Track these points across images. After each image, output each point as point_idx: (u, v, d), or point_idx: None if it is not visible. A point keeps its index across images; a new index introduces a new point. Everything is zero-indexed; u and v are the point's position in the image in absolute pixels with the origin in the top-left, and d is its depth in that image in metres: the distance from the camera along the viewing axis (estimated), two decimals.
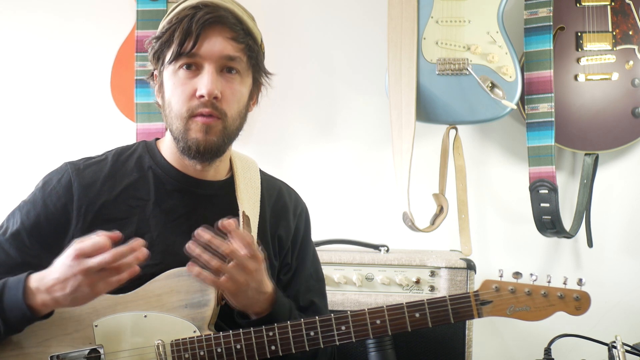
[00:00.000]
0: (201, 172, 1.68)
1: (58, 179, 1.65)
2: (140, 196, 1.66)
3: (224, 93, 1.59)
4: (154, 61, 1.65)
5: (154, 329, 1.56)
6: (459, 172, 2.60)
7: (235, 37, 1.60)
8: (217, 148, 1.62)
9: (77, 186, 1.63)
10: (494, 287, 1.56)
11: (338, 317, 1.55)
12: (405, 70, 2.50)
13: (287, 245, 1.78)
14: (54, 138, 2.83)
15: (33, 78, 2.85)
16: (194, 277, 1.53)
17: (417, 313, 1.55)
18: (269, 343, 1.55)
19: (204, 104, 1.58)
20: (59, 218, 1.62)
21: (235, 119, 1.63)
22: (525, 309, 1.56)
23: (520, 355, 2.73)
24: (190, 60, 1.59)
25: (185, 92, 1.59)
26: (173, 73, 1.61)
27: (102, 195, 1.64)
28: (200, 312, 1.57)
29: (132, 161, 1.70)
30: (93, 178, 1.65)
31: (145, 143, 1.74)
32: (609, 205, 2.71)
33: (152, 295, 1.58)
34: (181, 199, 1.67)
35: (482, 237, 2.73)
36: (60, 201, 1.63)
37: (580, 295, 1.57)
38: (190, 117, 1.59)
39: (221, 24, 1.58)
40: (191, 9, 1.59)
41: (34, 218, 1.62)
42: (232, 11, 1.61)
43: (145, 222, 1.64)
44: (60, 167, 1.69)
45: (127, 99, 2.64)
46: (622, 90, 2.55)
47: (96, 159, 1.71)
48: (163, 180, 1.68)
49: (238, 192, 1.70)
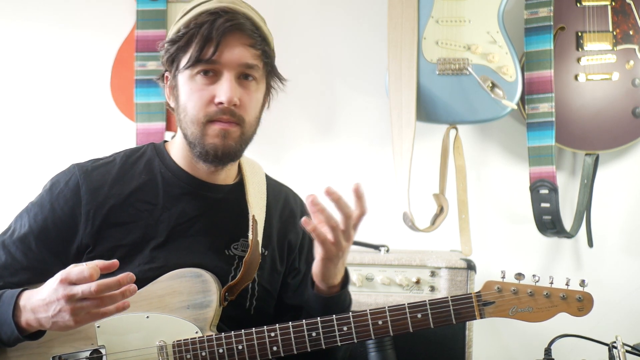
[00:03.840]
0: (212, 175, 1.68)
1: (65, 181, 1.63)
2: (149, 200, 1.64)
3: (242, 100, 1.60)
4: (168, 64, 1.64)
5: (156, 330, 1.56)
6: (459, 172, 2.60)
7: (253, 44, 1.60)
8: (235, 153, 1.63)
9: (85, 189, 1.62)
10: (496, 288, 1.56)
11: (340, 318, 1.55)
12: (405, 70, 2.50)
13: (295, 250, 1.79)
14: (55, 138, 2.83)
15: (33, 78, 2.85)
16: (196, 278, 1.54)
17: (419, 314, 1.55)
18: (270, 344, 1.55)
19: (222, 111, 1.58)
20: (67, 222, 1.61)
21: (252, 125, 1.65)
22: (528, 310, 1.55)
23: (520, 355, 2.73)
24: (209, 67, 1.58)
25: (203, 98, 1.58)
26: (189, 78, 1.60)
27: (110, 199, 1.62)
28: (202, 313, 1.57)
29: (140, 164, 1.69)
30: (101, 181, 1.63)
31: (154, 146, 1.73)
32: (609, 205, 2.71)
33: (155, 296, 1.57)
34: (191, 202, 1.67)
35: (483, 237, 2.73)
36: (67, 205, 1.61)
37: (583, 296, 1.57)
38: (208, 122, 1.59)
39: (240, 31, 1.58)
40: (210, 14, 1.58)
41: (41, 222, 1.61)
42: (250, 17, 1.61)
43: (154, 226, 1.63)
44: (67, 169, 1.67)
45: (127, 98, 2.64)
46: (622, 90, 2.55)
47: (104, 160, 1.69)
48: (172, 184, 1.67)
49: (248, 196, 1.70)
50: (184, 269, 1.58)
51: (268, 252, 1.73)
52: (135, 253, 1.60)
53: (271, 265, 1.74)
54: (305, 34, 2.81)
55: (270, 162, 2.80)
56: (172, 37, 1.62)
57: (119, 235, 1.61)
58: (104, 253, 1.58)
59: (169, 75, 1.66)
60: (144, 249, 1.61)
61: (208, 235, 1.65)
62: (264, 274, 1.72)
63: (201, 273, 1.59)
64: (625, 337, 1.92)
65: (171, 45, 1.61)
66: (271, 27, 1.67)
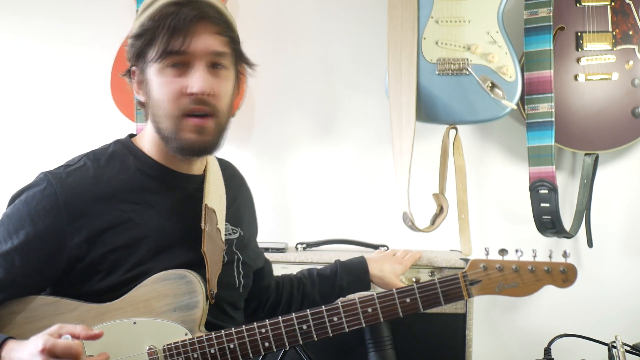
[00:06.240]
0: (189, 166, 1.68)
1: (41, 191, 1.57)
2: (131, 199, 1.61)
3: (215, 89, 1.57)
4: (134, 59, 1.61)
5: (144, 335, 1.54)
6: (459, 172, 2.60)
7: (220, 31, 1.58)
8: (213, 146, 1.61)
9: (64, 199, 1.55)
10: (482, 266, 1.56)
11: (329, 309, 1.55)
12: (405, 70, 2.50)
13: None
14: (54, 138, 2.83)
15: (33, 78, 2.86)
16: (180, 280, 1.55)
17: (407, 298, 1.56)
18: (262, 340, 1.55)
19: (196, 101, 1.55)
20: (51, 235, 1.55)
21: (226, 114, 1.62)
22: (514, 286, 1.56)
23: (520, 355, 2.73)
24: (179, 59, 1.56)
25: (175, 91, 1.56)
26: (159, 71, 1.57)
27: (92, 205, 1.57)
28: (190, 315, 1.55)
29: (114, 164, 1.64)
30: (78, 188, 1.58)
31: (122, 143, 1.69)
32: (609, 205, 2.71)
33: (140, 301, 1.55)
34: (173, 196, 1.65)
35: (482, 237, 2.73)
36: (48, 217, 1.55)
37: (567, 268, 1.55)
38: (182, 116, 1.56)
39: (206, 20, 1.56)
40: (173, 5, 1.55)
41: (23, 236, 1.55)
42: (213, 5, 1.58)
43: (143, 226, 1.60)
44: (39, 177, 1.60)
45: (127, 98, 2.64)
46: (622, 90, 2.55)
47: (75, 165, 1.62)
48: (152, 180, 1.64)
49: (207, 184, 1.69)
50: (167, 271, 1.56)
51: (243, 231, 1.76)
52: (127, 255, 1.58)
53: (249, 241, 1.79)
54: (305, 34, 2.81)
55: (270, 162, 2.81)
56: (137, 32, 1.59)
57: (109, 240, 1.57)
58: (96, 260, 1.56)
59: (137, 69, 1.62)
60: (136, 250, 1.58)
61: (192, 228, 1.64)
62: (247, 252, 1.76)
63: (185, 274, 1.57)
64: (624, 336, 1.92)
65: (137, 40, 1.59)
66: (271, 27, 1.67)
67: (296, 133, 2.82)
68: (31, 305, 1.57)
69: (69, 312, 1.56)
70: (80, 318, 1.54)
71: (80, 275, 1.58)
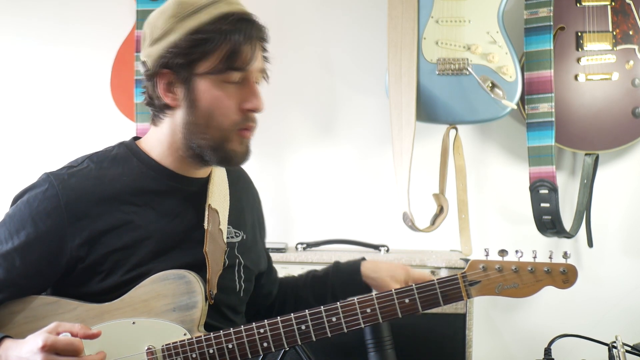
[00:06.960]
0: (196, 171, 1.68)
1: (43, 192, 1.56)
2: (134, 201, 1.61)
3: None
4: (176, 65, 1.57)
5: (143, 335, 1.54)
6: (459, 172, 2.60)
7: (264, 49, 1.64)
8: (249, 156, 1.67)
9: (66, 200, 1.55)
10: (481, 266, 1.56)
11: (328, 309, 1.55)
12: (405, 70, 2.50)
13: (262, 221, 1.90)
14: (54, 138, 2.83)
15: (33, 78, 2.85)
16: (179, 280, 1.54)
17: (406, 299, 1.55)
18: (260, 340, 1.54)
19: (251, 118, 1.61)
20: (52, 236, 1.55)
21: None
22: (514, 287, 1.55)
23: (520, 355, 2.73)
24: (240, 75, 1.58)
25: (234, 105, 1.58)
26: (216, 84, 1.57)
27: (94, 207, 1.57)
28: (189, 315, 1.55)
29: (118, 166, 1.64)
30: (81, 189, 1.57)
31: (126, 145, 1.69)
32: (609, 205, 2.71)
33: (139, 301, 1.55)
34: (175, 198, 1.65)
35: (482, 237, 2.73)
36: (50, 218, 1.55)
37: (567, 269, 1.54)
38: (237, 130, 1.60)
39: (263, 41, 1.62)
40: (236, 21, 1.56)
41: (24, 237, 1.55)
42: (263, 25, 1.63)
43: (144, 227, 1.60)
44: (42, 178, 1.59)
45: (127, 98, 2.64)
46: (622, 90, 2.55)
47: (78, 167, 1.62)
48: (155, 182, 1.64)
49: (211, 185, 1.70)
50: (167, 271, 1.56)
51: (247, 234, 1.75)
52: (128, 256, 1.58)
53: (253, 245, 1.78)
54: (305, 34, 2.81)
55: (271, 162, 2.81)
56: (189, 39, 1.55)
57: (110, 242, 1.57)
58: (97, 261, 1.56)
59: (172, 74, 1.58)
60: (136, 251, 1.58)
61: (193, 229, 1.64)
62: (250, 255, 1.75)
63: (184, 274, 1.57)
64: (625, 336, 1.92)
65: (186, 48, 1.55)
66: (271, 27, 1.67)
67: (296, 133, 2.82)
68: (31, 305, 1.57)
69: (68, 312, 1.56)
70: (80, 318, 1.54)
71: (80, 275, 1.58)
